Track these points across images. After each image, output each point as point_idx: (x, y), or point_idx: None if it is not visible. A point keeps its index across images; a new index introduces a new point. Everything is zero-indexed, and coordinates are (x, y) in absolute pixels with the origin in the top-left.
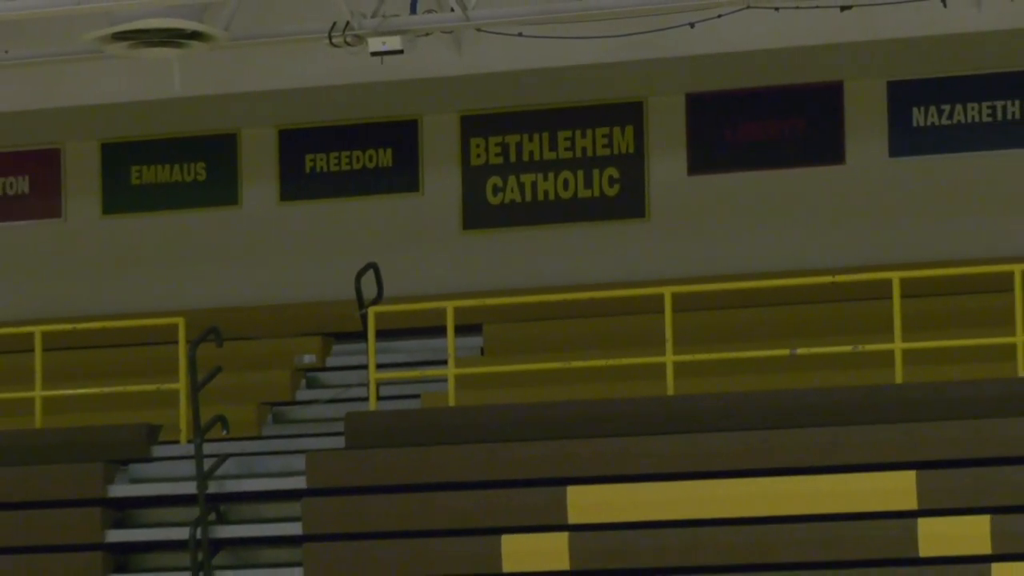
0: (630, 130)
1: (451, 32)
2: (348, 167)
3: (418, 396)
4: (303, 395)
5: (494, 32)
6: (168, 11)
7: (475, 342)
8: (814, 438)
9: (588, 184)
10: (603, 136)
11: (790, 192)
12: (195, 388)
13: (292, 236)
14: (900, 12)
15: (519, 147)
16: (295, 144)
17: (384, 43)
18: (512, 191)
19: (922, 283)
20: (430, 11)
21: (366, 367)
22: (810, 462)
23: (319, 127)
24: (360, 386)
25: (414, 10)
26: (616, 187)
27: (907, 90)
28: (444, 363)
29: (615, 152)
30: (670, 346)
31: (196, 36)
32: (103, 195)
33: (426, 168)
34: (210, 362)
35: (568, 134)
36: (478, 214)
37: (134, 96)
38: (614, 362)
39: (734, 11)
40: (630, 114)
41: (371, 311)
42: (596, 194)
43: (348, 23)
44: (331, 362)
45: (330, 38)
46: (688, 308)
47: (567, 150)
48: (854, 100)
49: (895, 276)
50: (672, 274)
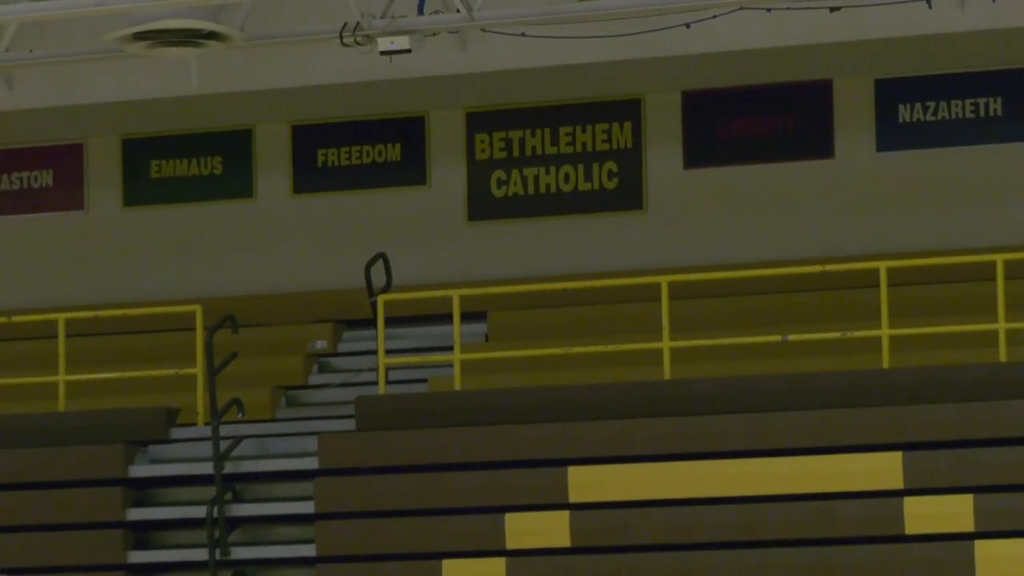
0: (628, 126)
1: (457, 32)
2: (358, 161)
3: (425, 380)
4: (315, 379)
5: (498, 32)
6: (186, 12)
7: (480, 329)
8: (804, 421)
9: (588, 177)
10: (602, 132)
11: (781, 185)
12: (212, 373)
13: (304, 227)
14: (887, 13)
15: (522, 142)
16: (307, 139)
17: (393, 42)
18: (515, 184)
19: (908, 272)
20: (437, 12)
21: (376, 353)
22: (800, 443)
23: (330, 123)
24: (370, 371)
25: (421, 11)
26: (615, 180)
27: (893, 88)
28: (450, 349)
29: (614, 147)
30: (666, 332)
31: (213, 36)
32: (124, 188)
33: (433, 162)
34: (226, 348)
35: (569, 130)
36: (483, 206)
37: (153, 93)
38: (613, 348)
39: (728, 12)
40: (628, 111)
41: (380, 299)
42: (596, 187)
43: (358, 23)
44: (342, 348)
45: (341, 38)
46: (684, 296)
47: (568, 145)
48: (843, 97)
49: (882, 265)
50: (668, 263)
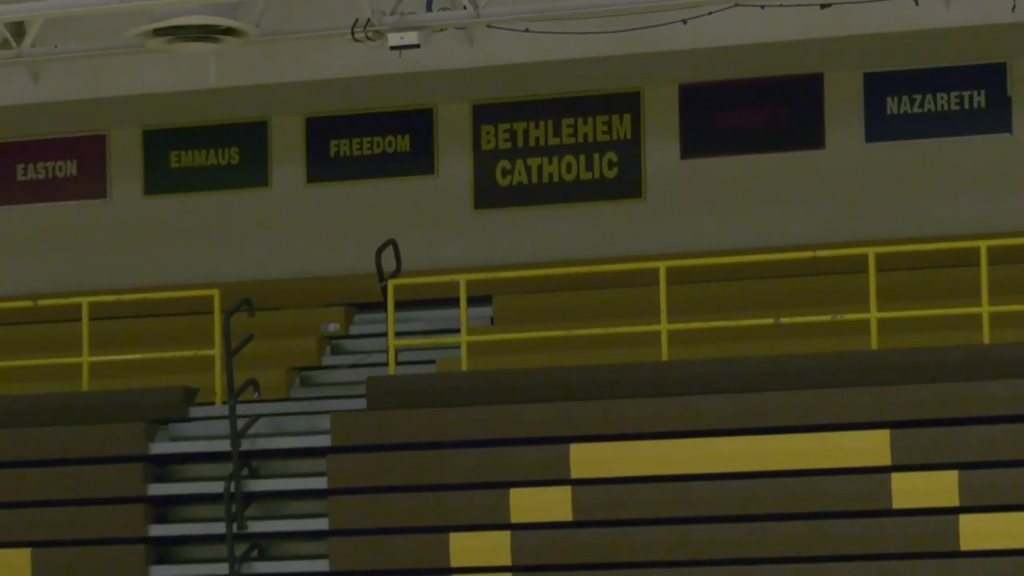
0: (628, 118)
1: (464, 28)
2: (369, 152)
3: (433, 362)
4: (328, 360)
5: (503, 28)
6: (204, 9)
7: (486, 312)
8: (796, 400)
9: (589, 167)
10: (603, 123)
11: (774, 175)
12: (229, 354)
13: (318, 215)
14: (875, 9)
15: (526, 133)
16: (320, 130)
17: (402, 38)
18: (520, 174)
19: (895, 258)
20: (444, 9)
21: (386, 335)
22: (793, 422)
23: (343, 115)
24: (380, 352)
25: (430, 8)
26: (615, 170)
27: (882, 81)
28: (457, 331)
29: (614, 138)
30: (664, 316)
31: (230, 32)
32: (145, 177)
33: (441, 153)
34: (243, 330)
35: (571, 121)
36: (488, 195)
37: (173, 87)
38: (613, 330)
39: (723, 8)
40: (628, 103)
41: (390, 284)
42: (596, 176)
43: (369, 20)
44: (354, 330)
45: (352, 33)
46: (681, 281)
47: (570, 136)
48: (833, 90)
49: (871, 251)
50: (666, 250)
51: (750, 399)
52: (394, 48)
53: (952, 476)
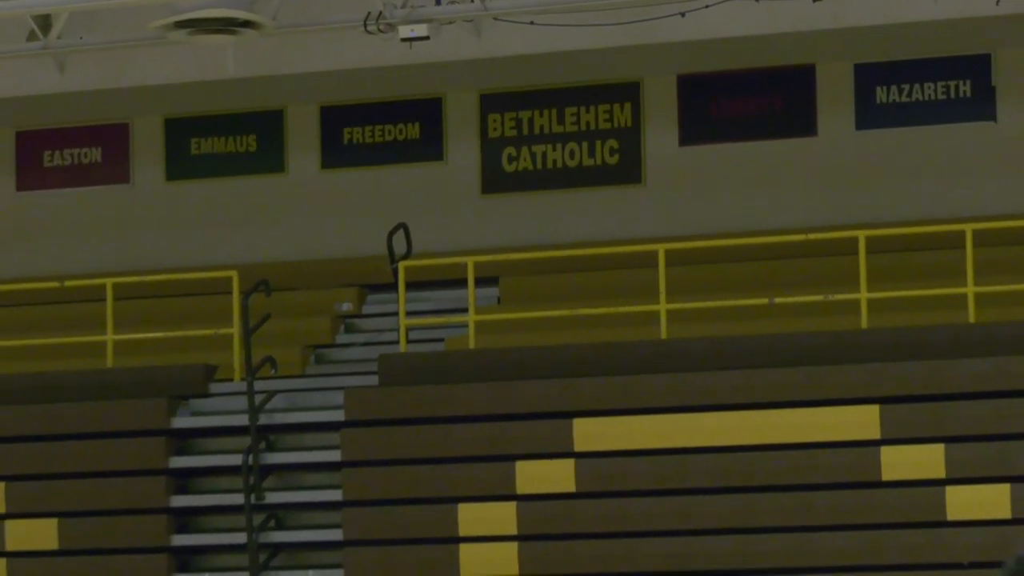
0: (628, 106)
1: (471, 20)
2: (381, 139)
3: (442, 340)
4: (342, 339)
5: (509, 20)
6: (223, 2)
7: (492, 293)
8: (790, 376)
9: (591, 154)
10: (605, 112)
11: (769, 161)
12: (247, 333)
13: (332, 200)
14: (865, 3)
15: (531, 121)
16: (334, 119)
17: (412, 30)
18: (525, 160)
19: (884, 240)
20: (453, 2)
21: (397, 314)
22: (786, 397)
23: (356, 104)
24: (392, 331)
25: (439, 1)
26: (616, 156)
27: (871, 71)
28: (465, 311)
29: (615, 126)
30: (663, 296)
31: (247, 24)
32: (166, 164)
33: (449, 140)
34: (260, 310)
35: (574, 110)
36: (495, 180)
37: (193, 77)
38: (614, 310)
39: (720, 2)
40: (628, 92)
41: (401, 265)
42: (598, 163)
43: (381, 13)
44: (366, 310)
45: (365, 26)
46: (679, 262)
47: (573, 124)
48: (825, 80)
49: (861, 234)
50: (665, 233)
51: (745, 375)
52: (405, 40)
53: (939, 449)
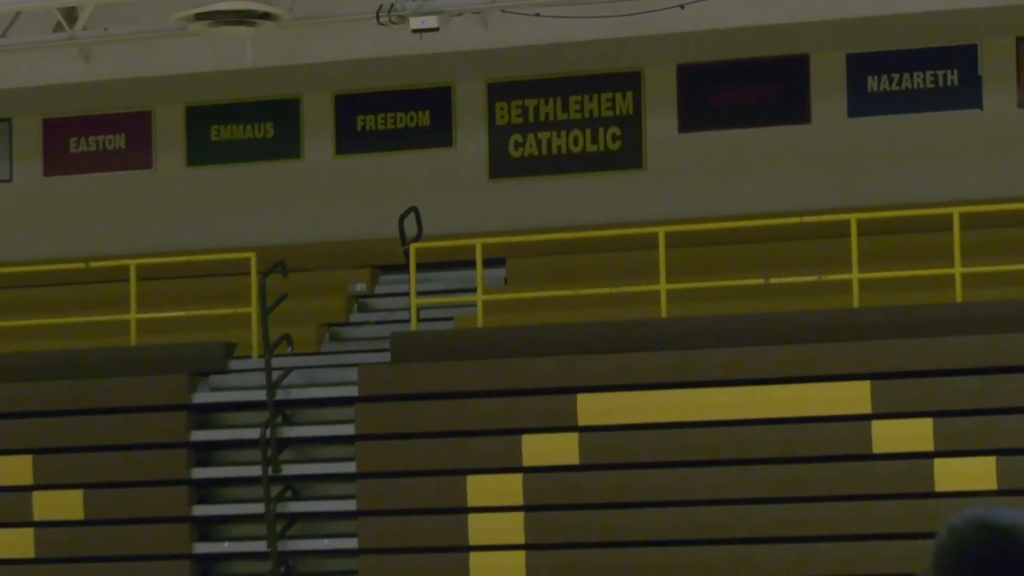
0: (630, 95)
1: (479, 12)
2: (393, 126)
3: (452, 319)
4: (355, 318)
5: (515, 12)
6: None
7: (499, 273)
8: (785, 354)
9: (595, 140)
10: (607, 100)
11: (764, 147)
12: (264, 312)
13: (346, 184)
14: None
15: (537, 109)
16: (348, 107)
17: (423, 22)
18: (531, 146)
19: (876, 223)
20: None
21: (408, 294)
22: (781, 374)
23: (368, 93)
24: (403, 310)
25: None
26: (618, 143)
27: (863, 61)
28: (473, 291)
29: (617, 113)
30: (663, 276)
31: (265, 16)
32: (187, 150)
33: (458, 127)
34: (277, 290)
35: (578, 98)
36: (502, 166)
37: (213, 67)
38: (616, 290)
39: None
40: (630, 81)
41: (412, 247)
42: (601, 149)
43: (392, 5)
44: (379, 290)
45: (377, 18)
46: (678, 245)
47: (577, 112)
48: (818, 69)
49: (853, 217)
50: (665, 216)
51: (742, 353)
52: (415, 31)
53: (927, 423)
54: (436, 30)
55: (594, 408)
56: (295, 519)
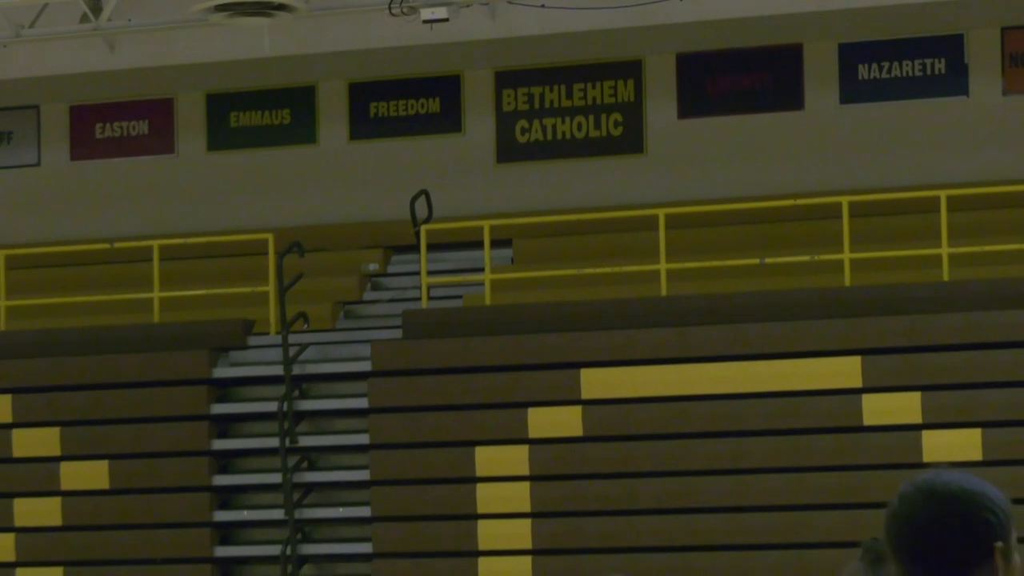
0: (631, 83)
1: (487, 3)
2: (404, 113)
3: (461, 297)
4: (368, 296)
5: (522, 3)
6: None
7: (507, 254)
8: (779, 330)
9: (597, 126)
10: (609, 88)
11: (760, 132)
12: (282, 290)
13: (359, 168)
14: None
15: (542, 96)
16: (362, 94)
17: (433, 13)
18: (536, 132)
19: (866, 205)
20: None
21: (419, 273)
22: (776, 349)
23: (381, 81)
24: (414, 289)
25: None
26: (620, 129)
27: (854, 50)
28: (481, 270)
29: (619, 101)
30: (663, 256)
31: (282, 7)
32: (207, 135)
33: (467, 113)
34: (294, 269)
35: (581, 86)
36: (509, 150)
37: (232, 56)
38: (618, 269)
39: None
40: (631, 70)
41: (423, 229)
42: (604, 134)
43: None
44: (391, 269)
45: (389, 9)
46: (678, 226)
47: (580, 99)
48: (811, 58)
49: (844, 200)
50: (665, 199)
51: (738, 329)
52: (426, 22)
53: (916, 397)
54: (446, 20)
55: (597, 382)
56: (311, 488)
